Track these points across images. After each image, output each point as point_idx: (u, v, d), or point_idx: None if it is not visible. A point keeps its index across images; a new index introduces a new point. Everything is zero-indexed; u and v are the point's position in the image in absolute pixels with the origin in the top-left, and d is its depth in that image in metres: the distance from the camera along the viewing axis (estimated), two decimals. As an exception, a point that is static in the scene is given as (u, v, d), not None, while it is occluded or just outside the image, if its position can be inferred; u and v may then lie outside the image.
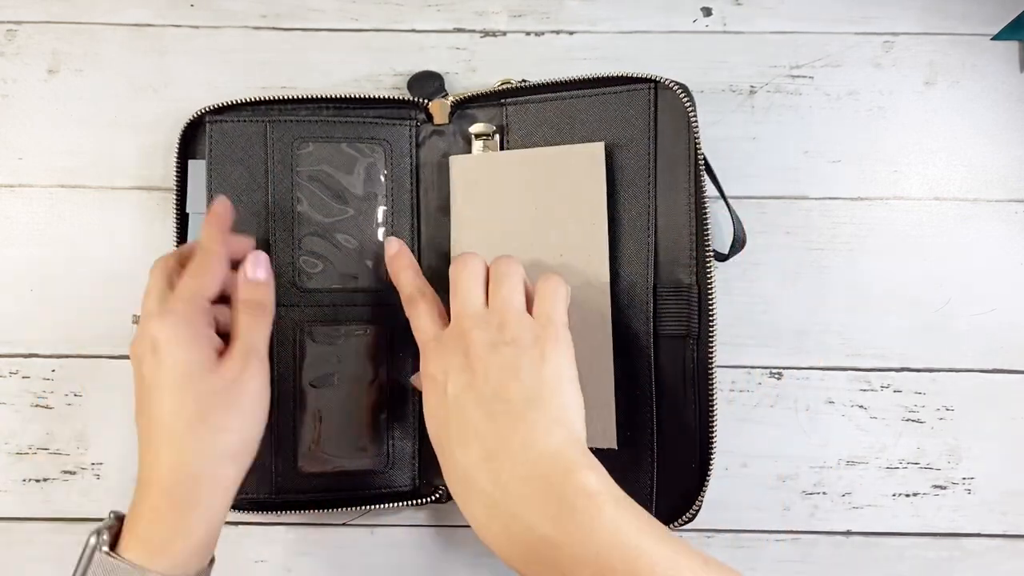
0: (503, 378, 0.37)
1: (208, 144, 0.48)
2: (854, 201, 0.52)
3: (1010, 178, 0.52)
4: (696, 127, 0.46)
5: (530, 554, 0.34)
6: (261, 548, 0.51)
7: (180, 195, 0.49)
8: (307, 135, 0.48)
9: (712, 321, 0.45)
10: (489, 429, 0.36)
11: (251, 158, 0.48)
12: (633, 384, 0.46)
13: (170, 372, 0.38)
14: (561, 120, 0.48)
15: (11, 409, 0.51)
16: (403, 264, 0.45)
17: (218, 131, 0.48)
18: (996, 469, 0.51)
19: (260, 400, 0.41)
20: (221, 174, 0.48)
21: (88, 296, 0.51)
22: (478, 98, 0.49)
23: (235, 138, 0.48)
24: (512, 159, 0.47)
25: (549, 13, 0.53)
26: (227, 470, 0.39)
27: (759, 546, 0.51)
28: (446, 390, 0.38)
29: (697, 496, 0.45)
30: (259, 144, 0.48)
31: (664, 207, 0.46)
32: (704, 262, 0.45)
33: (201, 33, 0.53)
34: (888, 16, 0.53)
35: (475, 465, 0.36)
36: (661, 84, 0.46)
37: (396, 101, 0.49)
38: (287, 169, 0.48)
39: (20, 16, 0.53)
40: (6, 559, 0.50)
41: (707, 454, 0.45)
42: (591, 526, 0.33)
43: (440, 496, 0.48)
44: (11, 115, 0.52)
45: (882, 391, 0.51)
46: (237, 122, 0.48)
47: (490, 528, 0.36)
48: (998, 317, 0.51)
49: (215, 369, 0.39)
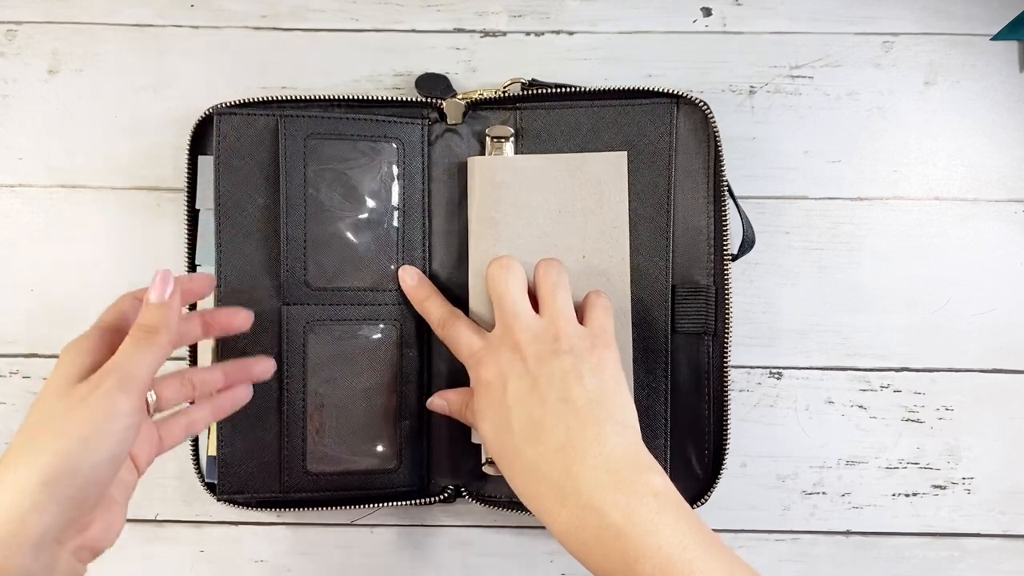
0: (566, 383, 0.40)
1: (216, 138, 0.47)
2: (854, 201, 0.52)
3: (1010, 178, 0.52)
4: (719, 143, 0.47)
5: (597, 543, 0.36)
6: (261, 548, 0.51)
7: (191, 192, 0.49)
8: (320, 131, 0.47)
9: (728, 319, 0.47)
10: (560, 427, 0.39)
11: (262, 153, 0.47)
12: (649, 377, 0.47)
13: (44, 384, 0.37)
14: (579, 128, 0.48)
15: (11, 409, 0.51)
16: (426, 292, 0.47)
17: (227, 124, 0.47)
18: (995, 469, 0.51)
19: (103, 429, 0.35)
20: (229, 168, 0.47)
21: (88, 296, 0.51)
22: (493, 100, 0.49)
23: (245, 132, 0.47)
24: (536, 163, 0.48)
25: (549, 13, 0.53)
26: (32, 494, 0.33)
27: (759, 546, 0.51)
28: (506, 393, 0.40)
29: (710, 487, 0.47)
30: (270, 139, 0.47)
31: (682, 213, 0.48)
32: (722, 264, 0.47)
33: (201, 33, 0.53)
34: (888, 16, 0.53)
35: (547, 458, 0.38)
36: (684, 99, 0.48)
37: (410, 103, 0.49)
38: (299, 165, 0.47)
39: (20, 16, 0.53)
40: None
41: (721, 445, 0.47)
42: (657, 522, 0.35)
43: (448, 495, 0.48)
44: (11, 115, 0.52)
45: (882, 391, 0.51)
46: (248, 116, 0.47)
47: (560, 516, 0.37)
48: (998, 317, 0.51)
49: (71, 387, 0.36)
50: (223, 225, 0.47)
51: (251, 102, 0.48)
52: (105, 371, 0.36)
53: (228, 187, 0.47)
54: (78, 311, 0.51)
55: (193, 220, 0.49)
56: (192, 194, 0.49)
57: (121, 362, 0.36)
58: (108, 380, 0.35)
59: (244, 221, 0.47)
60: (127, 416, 0.35)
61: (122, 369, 0.36)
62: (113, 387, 0.35)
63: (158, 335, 0.37)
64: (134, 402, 0.36)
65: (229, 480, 0.47)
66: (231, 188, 0.47)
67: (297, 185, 0.47)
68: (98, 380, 0.36)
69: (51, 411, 0.35)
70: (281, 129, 0.47)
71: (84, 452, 0.34)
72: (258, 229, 0.47)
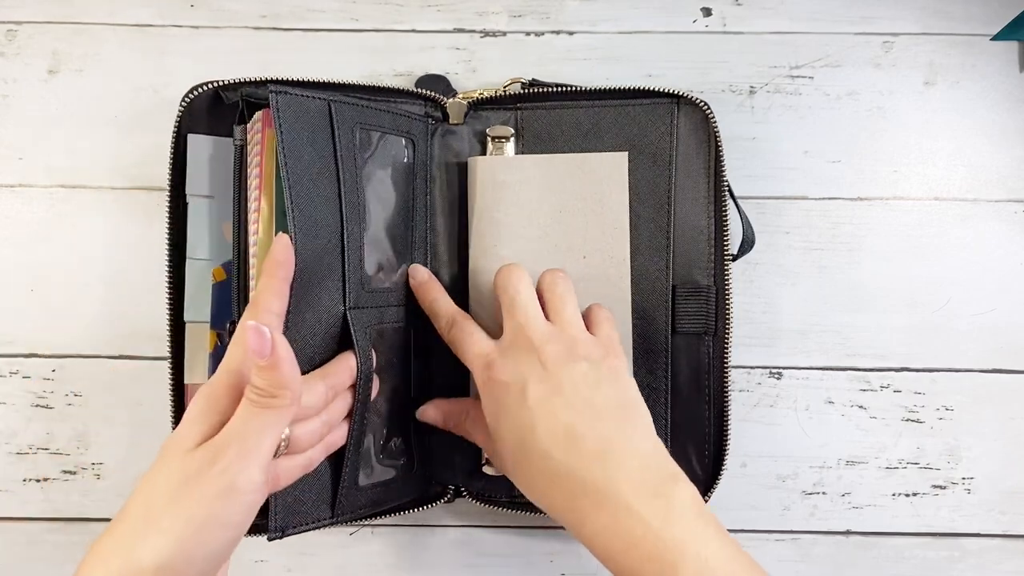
0: (588, 388, 0.39)
1: (276, 116, 0.40)
2: (854, 201, 0.52)
3: (1010, 178, 0.52)
4: (720, 143, 0.47)
5: (635, 548, 0.36)
6: (261, 548, 0.51)
7: (176, 175, 0.44)
8: (363, 121, 0.43)
9: (729, 319, 0.47)
10: (592, 433, 0.38)
11: (320, 140, 0.41)
12: (650, 378, 0.47)
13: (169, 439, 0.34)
14: (580, 128, 0.48)
15: (11, 409, 0.51)
16: (435, 290, 0.46)
17: (285, 103, 0.40)
18: (995, 469, 0.51)
19: (221, 516, 0.32)
20: (295, 155, 0.40)
21: (88, 296, 0.51)
22: (493, 100, 0.49)
23: (302, 115, 0.41)
24: (537, 163, 0.48)
25: (549, 13, 0.53)
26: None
27: (759, 546, 0.51)
28: (526, 397, 0.39)
29: (711, 487, 0.47)
30: (326, 125, 0.42)
31: (682, 213, 0.48)
32: (722, 264, 0.47)
33: (201, 33, 0.53)
34: (888, 16, 0.53)
35: (583, 463, 0.38)
36: (684, 99, 0.47)
37: (419, 95, 0.48)
38: (351, 156, 0.42)
39: (20, 16, 0.53)
40: (6, 559, 0.50)
41: (721, 445, 0.47)
42: (695, 529, 0.36)
43: (449, 498, 0.48)
44: (11, 115, 0.52)
45: (882, 391, 0.51)
46: (302, 96, 0.41)
47: (597, 520, 0.37)
48: (998, 317, 0.51)
49: (191, 452, 0.33)
50: (298, 223, 0.40)
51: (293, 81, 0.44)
52: (223, 442, 0.33)
53: (295, 177, 0.40)
54: (78, 311, 0.51)
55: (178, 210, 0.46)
56: (179, 178, 0.45)
57: (238, 431, 0.33)
58: (225, 455, 0.32)
59: (314, 215, 0.41)
60: (247, 495, 0.33)
61: (240, 440, 0.33)
62: (231, 463, 0.32)
63: (275, 398, 0.33)
64: (255, 478, 0.33)
65: (284, 516, 0.40)
66: (298, 178, 0.40)
67: (352, 179, 0.42)
68: (215, 453, 0.32)
69: (169, 483, 0.32)
70: (334, 115, 0.42)
71: (200, 540, 0.32)
72: (326, 225, 0.41)
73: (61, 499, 0.50)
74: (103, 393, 0.51)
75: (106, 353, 0.51)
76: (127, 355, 0.51)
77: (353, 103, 0.44)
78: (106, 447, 0.50)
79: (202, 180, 0.45)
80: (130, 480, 0.50)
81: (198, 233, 0.46)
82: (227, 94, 0.46)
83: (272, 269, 0.38)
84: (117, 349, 0.51)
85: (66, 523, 0.50)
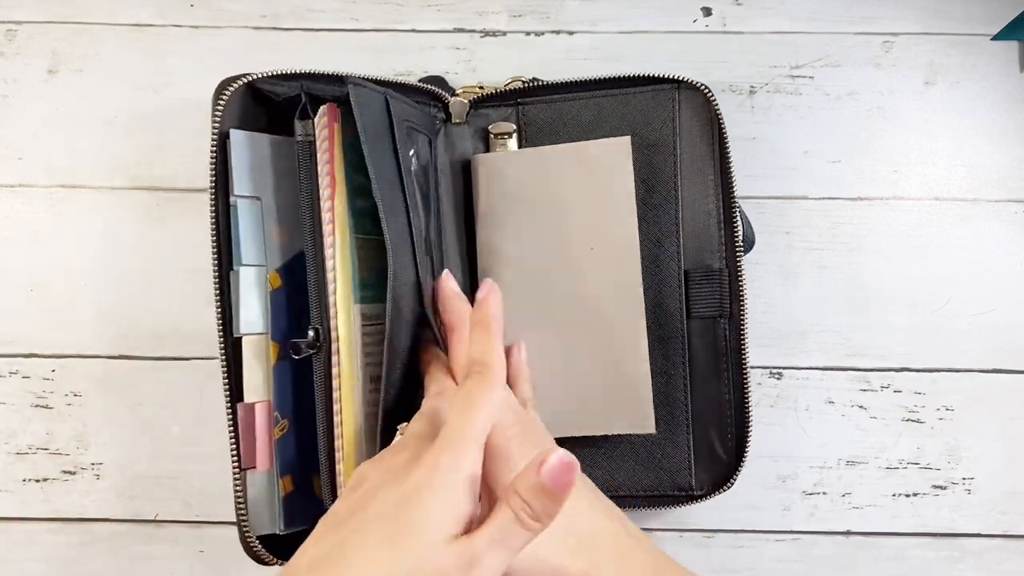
0: None
1: (358, 111, 0.37)
2: (854, 201, 0.52)
3: (1010, 178, 0.52)
4: (723, 123, 0.47)
5: None
6: (261, 548, 0.51)
7: (221, 176, 0.41)
8: (407, 117, 0.41)
9: (743, 301, 0.47)
10: None
11: (386, 137, 0.39)
12: (667, 364, 0.47)
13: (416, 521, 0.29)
14: (582, 119, 0.48)
15: (11, 409, 0.51)
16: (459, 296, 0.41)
17: (362, 97, 0.37)
18: (996, 469, 0.51)
19: None
20: (377, 154, 0.37)
21: (88, 296, 0.51)
22: (494, 97, 0.49)
23: (373, 110, 0.38)
24: (539, 155, 0.48)
25: (549, 13, 0.53)
26: None
27: (759, 546, 0.51)
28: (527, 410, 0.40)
29: (735, 470, 0.47)
30: (385, 120, 0.39)
31: (689, 198, 0.47)
32: (733, 247, 0.47)
33: (201, 33, 0.53)
34: (888, 16, 0.53)
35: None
36: (685, 83, 0.47)
37: (428, 92, 0.47)
38: (408, 155, 0.40)
39: (20, 16, 0.53)
40: (6, 559, 0.50)
41: (744, 427, 0.47)
42: None
43: None
44: (11, 115, 0.52)
45: (882, 391, 0.51)
46: (371, 90, 0.38)
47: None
48: (998, 317, 0.51)
49: (446, 545, 0.29)
50: (391, 227, 0.37)
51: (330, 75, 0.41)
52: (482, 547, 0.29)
53: (381, 178, 0.38)
54: (78, 311, 0.51)
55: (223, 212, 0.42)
56: (223, 179, 0.41)
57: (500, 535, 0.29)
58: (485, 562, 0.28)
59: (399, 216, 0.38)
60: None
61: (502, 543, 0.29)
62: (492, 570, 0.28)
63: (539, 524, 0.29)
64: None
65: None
66: (381, 178, 0.38)
67: (409, 177, 0.41)
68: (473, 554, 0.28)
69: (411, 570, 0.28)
70: (392, 110, 0.39)
71: None
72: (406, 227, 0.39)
73: (61, 499, 0.50)
74: (103, 393, 0.51)
75: (106, 353, 0.51)
76: (127, 355, 0.51)
77: (400, 98, 0.43)
78: (106, 447, 0.50)
79: (244, 180, 0.41)
80: (130, 480, 0.50)
81: (250, 236, 0.42)
82: (275, 88, 0.42)
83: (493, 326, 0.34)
84: (117, 349, 0.51)
85: (66, 523, 0.50)
